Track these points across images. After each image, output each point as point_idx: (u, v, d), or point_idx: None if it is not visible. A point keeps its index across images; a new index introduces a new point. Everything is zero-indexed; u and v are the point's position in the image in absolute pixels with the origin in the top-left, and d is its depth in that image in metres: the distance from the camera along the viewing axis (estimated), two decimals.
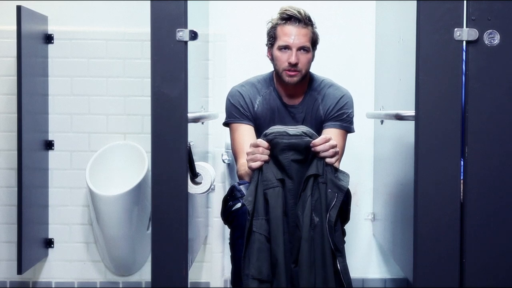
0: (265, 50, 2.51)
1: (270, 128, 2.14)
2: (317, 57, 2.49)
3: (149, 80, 2.03)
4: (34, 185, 2.95)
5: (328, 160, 2.08)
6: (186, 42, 2.01)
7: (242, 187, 2.24)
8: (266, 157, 2.09)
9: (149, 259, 2.64)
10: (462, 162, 1.97)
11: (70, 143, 3.09)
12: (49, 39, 3.06)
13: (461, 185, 1.97)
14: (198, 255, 2.97)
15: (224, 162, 2.96)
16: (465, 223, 1.96)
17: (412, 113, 1.98)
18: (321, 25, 2.50)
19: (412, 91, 1.98)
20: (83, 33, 3.07)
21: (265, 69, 2.58)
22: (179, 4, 2.01)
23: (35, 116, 2.95)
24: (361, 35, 3.12)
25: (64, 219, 3.10)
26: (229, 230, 2.33)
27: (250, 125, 2.47)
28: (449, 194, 1.95)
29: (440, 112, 1.95)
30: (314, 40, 2.43)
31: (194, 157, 2.16)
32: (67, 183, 3.09)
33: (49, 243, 3.10)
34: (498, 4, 1.94)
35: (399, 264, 2.55)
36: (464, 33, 1.93)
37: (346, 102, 2.48)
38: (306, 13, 2.40)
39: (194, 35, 2.02)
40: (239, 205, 2.20)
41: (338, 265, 2.04)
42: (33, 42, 2.93)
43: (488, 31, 1.94)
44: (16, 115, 2.78)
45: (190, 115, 2.06)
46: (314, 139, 2.09)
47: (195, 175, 2.20)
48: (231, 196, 2.27)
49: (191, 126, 2.09)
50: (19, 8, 2.74)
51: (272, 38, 2.43)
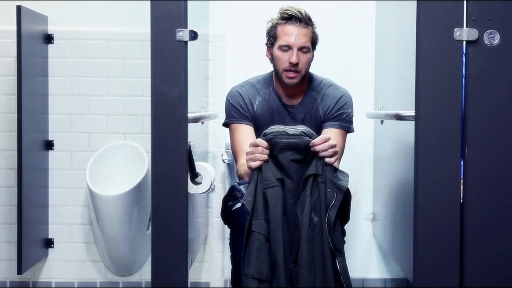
0: (265, 50, 2.51)
1: (269, 127, 2.14)
2: (317, 57, 2.49)
3: (149, 80, 2.03)
4: (34, 185, 2.95)
5: (327, 160, 2.08)
6: (186, 42, 2.01)
7: (242, 187, 2.24)
8: (265, 156, 2.09)
9: (149, 259, 2.64)
10: (462, 162, 1.97)
11: (70, 143, 3.09)
12: (49, 39, 3.06)
13: (461, 185, 1.97)
14: (198, 255, 2.97)
15: (224, 162, 2.96)
16: (465, 223, 1.96)
17: (412, 113, 1.98)
18: (321, 25, 2.51)
19: (412, 91, 1.98)
20: (83, 33, 3.07)
21: (265, 69, 2.58)
22: (179, 4, 2.01)
23: (35, 116, 2.95)
24: (361, 35, 3.12)
25: (64, 219, 3.10)
26: (229, 230, 2.33)
27: (250, 125, 2.47)
28: (449, 194, 1.95)
29: (440, 112, 1.95)
30: (314, 40, 2.44)
31: (194, 157, 2.16)
32: (67, 183, 3.09)
33: (49, 243, 3.10)
34: (498, 4, 1.94)
35: (399, 264, 2.55)
36: (464, 33, 1.93)
37: (345, 102, 2.48)
38: (306, 13, 2.40)
39: (194, 35, 2.02)
40: (239, 205, 2.20)
41: (338, 265, 2.04)
42: (33, 42, 2.93)
43: (488, 31, 1.94)
44: (16, 115, 2.78)
45: (190, 115, 2.06)
46: (313, 138, 2.09)
47: (195, 175, 2.20)
48: (231, 196, 2.27)
49: (191, 126, 2.09)
50: (19, 8, 2.74)
51: (273, 38, 2.43)
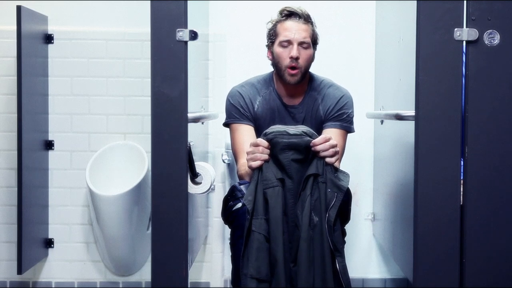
0: (265, 50, 2.51)
1: (270, 127, 2.14)
2: (317, 57, 2.49)
3: (149, 80, 2.03)
4: (34, 185, 2.95)
5: (328, 159, 2.08)
6: (186, 42, 2.01)
7: (242, 187, 2.24)
8: (266, 156, 2.09)
9: (149, 259, 2.64)
10: (462, 162, 1.97)
11: (70, 143, 3.09)
12: (49, 39, 3.06)
13: (461, 185, 1.97)
14: (198, 255, 2.97)
15: (224, 162, 2.96)
16: (465, 223, 1.96)
17: (412, 113, 1.98)
18: (321, 25, 2.51)
19: (412, 91, 1.98)
20: (83, 33, 3.07)
21: (265, 69, 2.58)
22: (179, 4, 2.01)
23: (35, 116, 2.95)
24: (361, 35, 3.12)
25: (64, 219, 3.10)
26: (229, 230, 2.33)
27: (250, 125, 2.47)
28: (449, 194, 1.95)
29: (440, 112, 1.95)
30: (314, 38, 2.44)
31: (194, 157, 2.16)
32: (67, 183, 3.09)
33: (49, 243, 3.09)
34: (498, 4, 1.94)
35: (399, 264, 2.55)
36: (464, 33, 1.93)
37: (346, 102, 2.48)
38: (306, 11, 2.43)
39: (194, 35, 2.02)
40: (239, 205, 2.20)
41: (337, 265, 2.03)
42: (33, 42, 2.93)
43: (488, 31, 1.94)
44: (16, 115, 2.78)
45: (190, 115, 2.06)
46: (314, 138, 2.09)
47: (195, 175, 2.20)
48: (231, 196, 2.27)
49: (191, 126, 2.09)
50: (19, 8, 2.74)
51: (273, 36, 2.44)
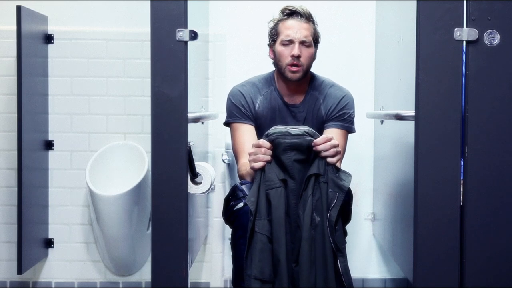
0: (265, 50, 2.51)
1: (271, 128, 2.14)
2: (317, 57, 2.49)
3: (149, 80, 2.03)
4: (34, 185, 2.95)
5: (329, 159, 2.08)
6: (186, 42, 2.01)
7: (244, 187, 2.24)
8: (268, 157, 2.09)
9: (149, 259, 2.64)
10: (462, 162, 1.97)
11: (70, 143, 3.08)
12: (49, 39, 3.06)
13: (461, 185, 1.97)
14: (198, 255, 2.97)
15: (224, 162, 2.96)
16: (465, 223, 1.96)
17: (412, 113, 1.98)
18: (321, 25, 2.51)
19: (412, 91, 1.98)
20: (83, 33, 3.07)
21: (265, 69, 2.58)
22: (179, 4, 2.01)
23: (35, 116, 2.95)
24: (361, 35, 3.12)
25: (64, 219, 3.10)
26: (229, 230, 2.33)
27: (251, 124, 2.47)
28: (449, 194, 1.95)
29: (440, 112, 1.95)
30: (315, 37, 2.45)
31: (194, 157, 2.16)
32: (67, 183, 3.09)
33: (49, 243, 3.09)
34: (498, 4, 1.94)
35: (399, 264, 2.55)
36: (464, 33, 1.93)
37: (347, 102, 2.48)
38: (307, 10, 2.43)
39: (194, 35, 2.02)
40: (241, 205, 2.20)
41: (339, 265, 2.03)
42: (33, 42, 2.93)
43: (488, 31, 1.94)
44: (16, 115, 2.78)
45: (190, 115, 2.06)
46: (315, 138, 2.09)
47: (195, 175, 2.20)
48: (233, 196, 2.26)
49: (191, 126, 2.09)
50: (19, 8, 2.74)
51: (274, 35, 2.44)
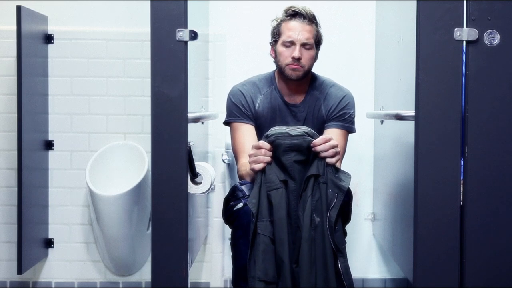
0: (265, 50, 2.51)
1: (271, 129, 2.14)
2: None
3: (149, 80, 2.03)
4: (34, 185, 2.95)
5: (328, 160, 2.08)
6: (186, 42, 2.01)
7: (244, 187, 2.24)
8: (268, 158, 2.09)
9: (149, 259, 2.64)
10: (462, 162, 1.97)
11: (70, 143, 3.08)
12: (49, 39, 3.06)
13: (461, 185, 1.97)
14: (198, 255, 2.97)
15: (224, 162, 2.96)
16: (465, 223, 1.96)
17: (412, 113, 1.98)
18: (321, 25, 2.51)
19: (412, 91, 1.98)
20: (83, 33, 3.07)
21: (265, 69, 2.58)
22: (179, 4, 2.01)
23: (35, 116, 2.95)
24: (361, 35, 3.12)
25: (64, 219, 3.10)
26: (229, 230, 2.32)
27: (251, 124, 2.47)
28: (449, 194, 1.95)
29: (440, 112, 1.95)
30: (318, 39, 2.44)
31: (194, 157, 2.16)
32: (67, 183, 3.09)
33: (49, 243, 3.09)
34: (498, 4, 1.94)
35: (399, 264, 2.55)
36: (464, 33, 1.93)
37: (348, 102, 2.48)
38: (311, 11, 2.42)
39: (194, 35, 2.02)
40: (240, 205, 2.20)
41: (339, 265, 2.03)
42: (33, 42, 2.93)
43: (488, 31, 1.94)
44: (16, 115, 2.78)
45: (190, 115, 2.06)
46: (315, 139, 2.09)
47: (195, 175, 2.20)
48: (232, 196, 2.26)
49: (191, 126, 2.09)
50: (19, 8, 2.74)
51: (277, 35, 2.44)
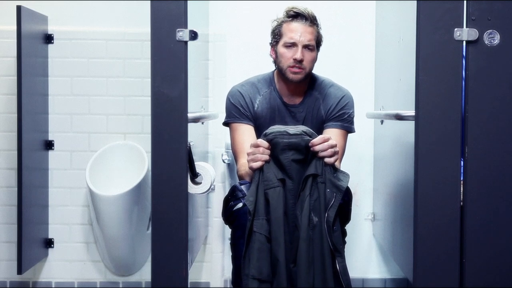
0: (265, 50, 2.51)
1: (270, 128, 2.14)
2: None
3: (149, 80, 2.03)
4: (34, 185, 2.95)
5: (326, 160, 2.07)
6: (186, 42, 2.01)
7: (243, 187, 2.24)
8: (266, 157, 2.09)
9: (149, 259, 2.64)
10: (462, 162, 1.97)
11: (70, 143, 3.09)
12: (49, 39, 3.06)
13: (461, 185, 1.97)
14: (198, 255, 2.97)
15: (224, 162, 2.96)
16: (465, 223, 1.96)
17: (412, 113, 1.98)
18: (321, 25, 2.51)
19: (412, 91, 1.98)
20: (83, 33, 3.07)
21: (265, 69, 2.58)
22: (179, 4, 2.01)
23: (35, 116, 2.95)
24: (361, 35, 3.12)
25: (64, 219, 3.10)
26: (229, 230, 2.33)
27: (250, 125, 2.47)
28: (449, 194, 1.95)
29: (440, 112, 1.95)
30: (318, 40, 2.44)
31: (194, 157, 2.16)
32: (67, 183, 3.09)
33: (49, 243, 3.09)
34: (498, 4, 1.94)
35: (399, 264, 2.55)
36: (464, 33, 1.93)
37: (347, 102, 2.48)
38: (312, 12, 2.41)
39: (194, 35, 2.02)
40: (240, 205, 2.20)
41: (337, 265, 2.03)
42: (33, 42, 2.93)
43: (488, 31, 1.94)
44: (16, 115, 2.78)
45: (190, 115, 2.06)
46: (314, 138, 2.09)
47: (195, 175, 2.20)
48: (232, 196, 2.27)
49: (191, 126, 2.09)
50: (19, 8, 2.74)
51: (277, 36, 2.43)
